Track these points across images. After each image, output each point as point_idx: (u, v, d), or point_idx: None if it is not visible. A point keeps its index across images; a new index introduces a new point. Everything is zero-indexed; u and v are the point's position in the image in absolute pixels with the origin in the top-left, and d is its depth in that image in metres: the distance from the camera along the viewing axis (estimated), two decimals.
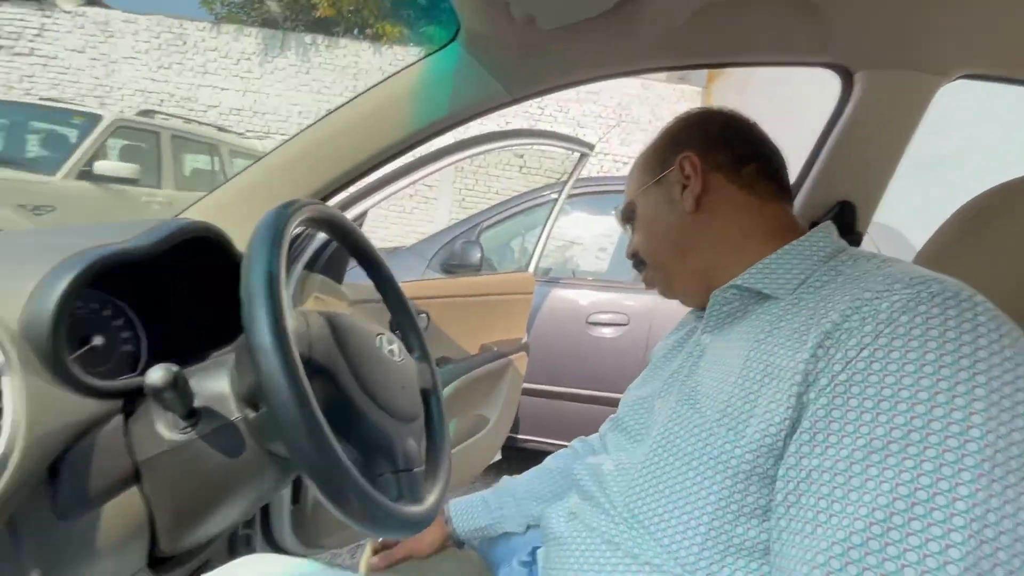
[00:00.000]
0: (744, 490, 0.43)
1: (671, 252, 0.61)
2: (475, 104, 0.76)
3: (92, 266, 0.46)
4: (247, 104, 7.73)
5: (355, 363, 0.50)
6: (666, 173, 0.60)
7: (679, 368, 0.58)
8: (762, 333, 0.47)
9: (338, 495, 0.39)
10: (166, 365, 0.41)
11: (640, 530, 0.49)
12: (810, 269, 0.49)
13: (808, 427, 0.39)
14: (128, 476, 0.47)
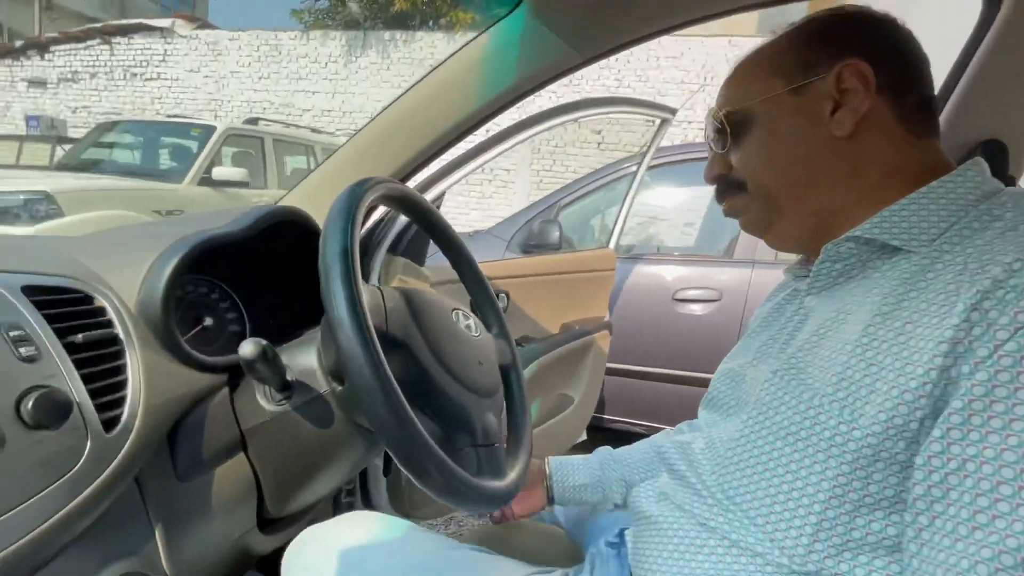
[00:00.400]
0: (866, 477, 0.37)
1: (793, 182, 0.49)
2: (545, 69, 0.73)
3: (193, 250, 0.50)
4: (336, 105, 8.23)
5: (431, 337, 0.50)
6: (812, 81, 0.47)
7: (776, 335, 0.51)
8: (891, 295, 0.40)
9: (417, 466, 0.40)
10: (256, 339, 0.43)
11: (737, 513, 0.45)
12: (955, 216, 0.41)
13: (961, 407, 0.32)
14: (235, 443, 0.51)
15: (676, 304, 2.08)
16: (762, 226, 0.53)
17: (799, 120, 0.48)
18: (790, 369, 0.44)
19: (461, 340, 0.54)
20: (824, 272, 0.47)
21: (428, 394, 0.48)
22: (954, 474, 0.32)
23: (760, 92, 0.50)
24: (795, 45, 0.50)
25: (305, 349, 0.53)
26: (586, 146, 7.27)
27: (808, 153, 0.48)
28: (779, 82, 0.49)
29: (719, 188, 0.55)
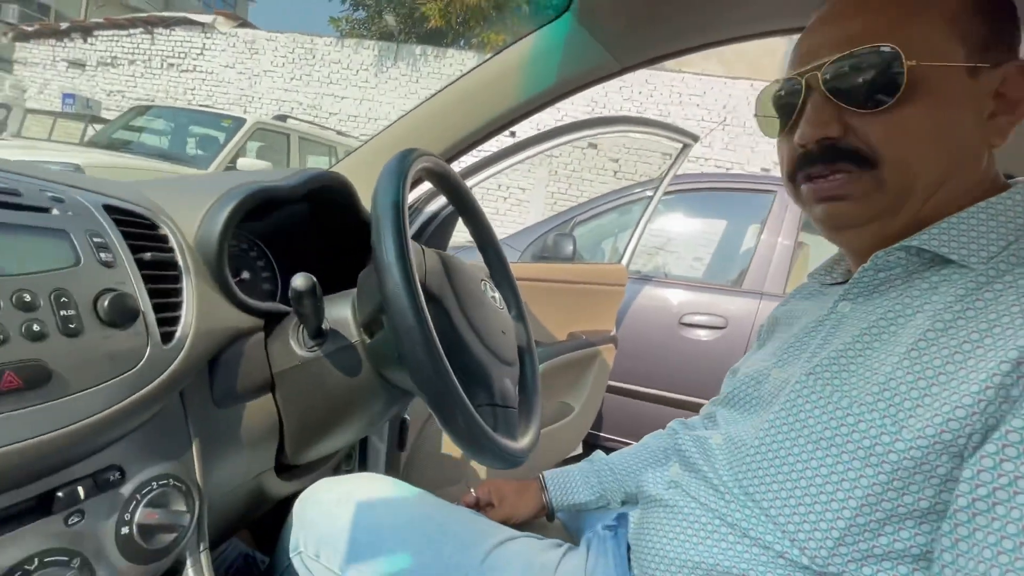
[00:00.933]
0: (902, 488, 0.37)
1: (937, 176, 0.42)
2: (584, 73, 0.78)
3: (251, 196, 0.53)
4: (363, 111, 8.42)
5: (462, 298, 0.53)
6: (984, 68, 0.42)
7: (804, 338, 0.50)
8: (946, 311, 0.39)
9: (445, 407, 0.42)
10: (308, 274, 0.47)
11: (755, 509, 0.45)
12: (1013, 234, 0.40)
13: (1021, 427, 0.33)
14: (266, 383, 0.54)
15: (682, 328, 2.10)
16: (870, 217, 0.45)
17: (967, 108, 0.42)
18: (824, 372, 0.44)
19: (488, 307, 0.57)
20: (867, 279, 0.46)
21: (455, 348, 0.51)
22: (1003, 489, 0.33)
23: (938, 51, 0.41)
24: (983, 10, 0.42)
25: (340, 302, 0.56)
26: (603, 172, 7.38)
27: (964, 148, 0.42)
28: (958, 49, 0.41)
29: (820, 155, 0.44)
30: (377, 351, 0.53)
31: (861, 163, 0.43)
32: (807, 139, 0.45)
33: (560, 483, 0.73)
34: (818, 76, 0.44)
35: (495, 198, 7.71)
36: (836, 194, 0.44)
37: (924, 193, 0.43)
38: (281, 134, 4.73)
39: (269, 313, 0.57)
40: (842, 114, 0.43)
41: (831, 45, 0.44)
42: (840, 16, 0.45)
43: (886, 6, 0.43)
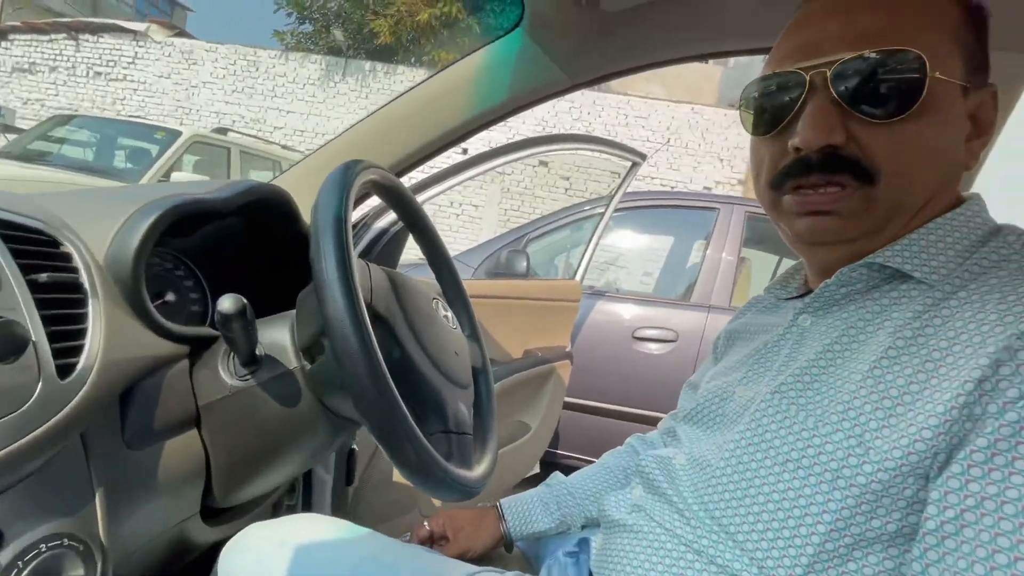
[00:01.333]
0: (870, 512, 0.36)
1: (927, 193, 0.42)
2: (535, 89, 0.77)
3: (172, 210, 0.48)
4: (310, 126, 8.21)
5: (412, 318, 0.50)
6: (975, 90, 0.41)
7: (768, 353, 0.49)
8: (905, 328, 0.39)
9: (393, 438, 0.39)
10: (236, 295, 0.42)
11: (722, 535, 0.43)
12: (965, 251, 0.40)
13: (986, 446, 0.32)
14: (189, 418, 0.48)
15: (635, 342, 2.13)
16: (855, 235, 0.43)
17: (959, 128, 0.41)
18: (790, 391, 0.43)
19: (440, 327, 0.54)
20: (829, 294, 0.45)
21: (404, 372, 0.47)
22: (971, 511, 0.32)
23: (948, 66, 0.39)
24: (973, 28, 0.41)
25: (277, 324, 0.51)
26: (554, 190, 7.51)
27: (954, 169, 0.42)
28: (959, 68, 0.40)
29: (820, 164, 0.41)
30: (318, 378, 0.48)
31: (859, 176, 0.40)
32: (809, 144, 0.40)
33: (518, 511, 0.69)
34: (826, 74, 0.39)
35: (447, 215, 7.67)
36: (825, 208, 0.41)
37: (910, 213, 0.42)
38: (221, 148, 4.51)
39: (196, 339, 0.52)
40: (847, 120, 0.40)
41: (841, 40, 0.40)
42: (852, 9, 0.41)
43: (903, 6, 0.40)
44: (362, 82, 8.14)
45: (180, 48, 8.32)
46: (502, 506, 0.70)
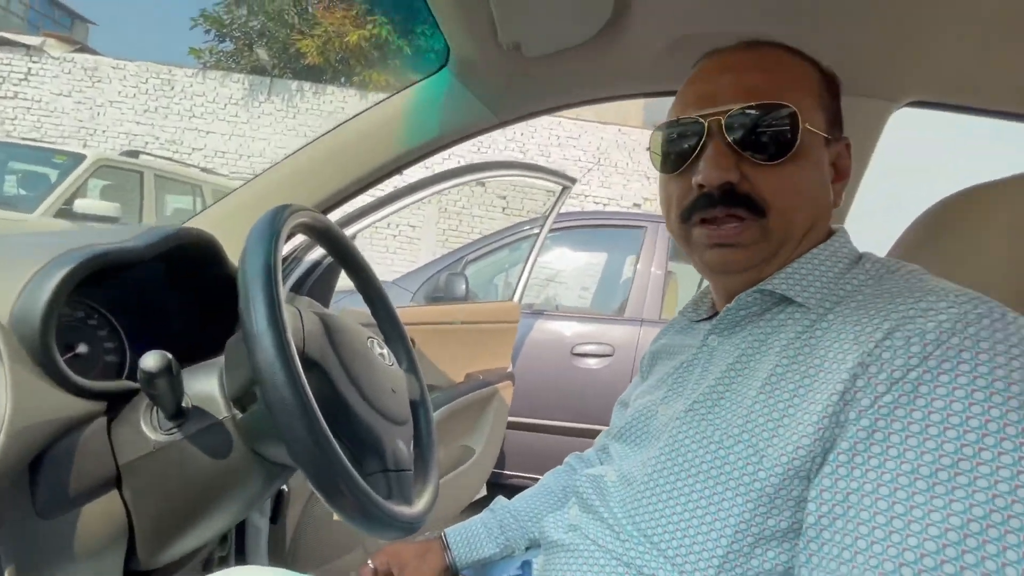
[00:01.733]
0: (766, 513, 0.41)
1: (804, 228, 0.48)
2: (463, 127, 0.80)
3: (87, 263, 0.46)
4: (232, 147, 7.82)
5: (346, 361, 0.50)
6: (832, 140, 0.50)
7: (684, 372, 0.54)
8: (789, 348, 0.44)
9: (330, 484, 0.39)
10: (161, 352, 0.41)
11: (648, 545, 0.47)
12: (836, 277, 0.47)
13: (847, 448, 0.37)
14: (109, 479, 0.46)
15: (574, 358, 2.19)
16: (755, 262, 0.49)
17: (825, 172, 0.49)
18: (700, 408, 0.47)
19: (375, 366, 0.54)
20: (730, 317, 0.51)
21: (341, 416, 0.47)
22: (840, 505, 0.36)
23: (815, 120, 0.47)
24: (830, 93, 0.50)
25: (205, 374, 0.50)
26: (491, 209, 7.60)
27: (824, 206, 0.49)
28: (822, 122, 0.48)
29: (721, 200, 0.47)
30: (251, 426, 0.48)
31: (753, 210, 0.46)
32: (711, 181, 0.46)
33: (463, 539, 0.70)
34: (721, 121, 0.46)
35: (384, 236, 7.54)
36: (730, 241, 0.47)
37: (795, 243, 0.48)
38: (132, 171, 4.20)
39: (114, 393, 0.49)
40: (740, 162, 0.46)
41: (733, 93, 0.47)
42: (741, 68, 0.49)
43: (781, 69, 0.48)
44: (289, 102, 7.89)
45: (82, 64, 7.71)
46: (447, 536, 0.71)
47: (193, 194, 4.88)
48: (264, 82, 7.91)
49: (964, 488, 0.33)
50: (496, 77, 0.75)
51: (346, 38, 8.84)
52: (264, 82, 7.91)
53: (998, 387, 0.34)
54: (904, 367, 0.37)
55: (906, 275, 0.44)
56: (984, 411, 0.34)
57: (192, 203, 4.84)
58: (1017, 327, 0.36)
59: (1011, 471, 0.32)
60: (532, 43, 0.69)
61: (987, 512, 0.32)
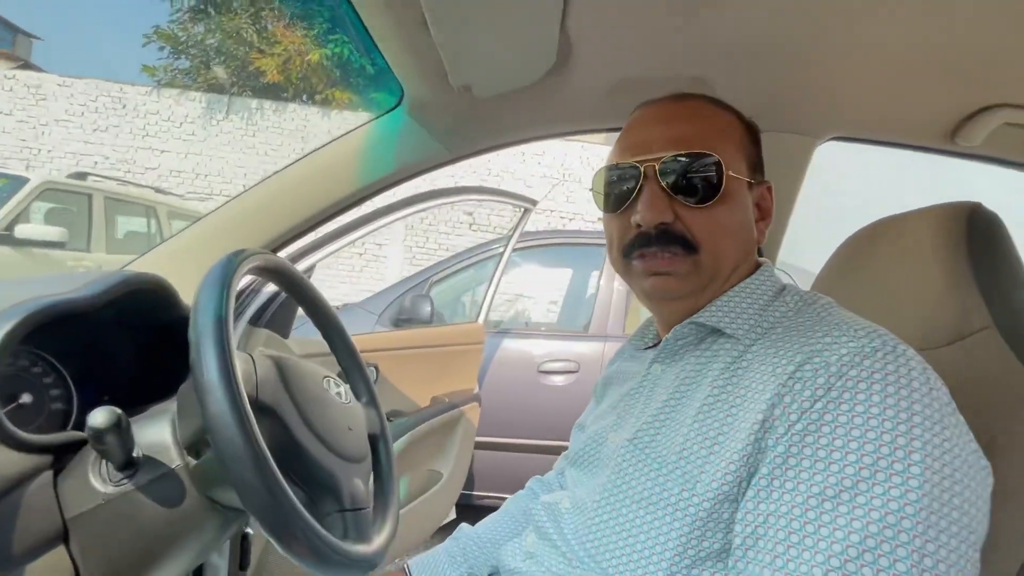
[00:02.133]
0: (701, 536, 0.43)
1: (733, 263, 0.53)
2: (418, 163, 0.83)
3: (33, 316, 0.46)
4: (188, 166, 7.61)
5: (301, 403, 0.51)
6: (754, 184, 0.55)
7: (630, 400, 0.57)
8: (719, 379, 0.48)
9: (283, 530, 0.40)
10: (109, 407, 0.41)
11: (597, 571, 0.49)
12: (761, 309, 0.51)
13: (767, 473, 0.40)
14: (55, 535, 0.45)
15: (541, 376, 2.22)
16: (688, 292, 0.53)
17: (749, 213, 0.54)
18: (643, 437, 0.51)
19: (330, 406, 0.55)
20: (670, 346, 0.54)
21: (296, 460, 0.48)
22: (761, 526, 0.39)
23: (738, 167, 0.52)
24: (751, 140, 0.56)
25: (155, 422, 0.50)
26: (459, 226, 7.62)
27: (749, 243, 0.54)
28: (744, 168, 0.53)
29: (657, 239, 0.51)
30: (205, 473, 0.48)
31: (687, 247, 0.51)
32: (647, 222, 0.51)
33: (426, 568, 0.71)
34: (655, 167, 0.51)
35: (350, 255, 7.44)
36: (665, 270, 0.52)
37: (724, 276, 0.53)
38: (80, 194, 4.03)
39: (59, 446, 0.49)
40: (673, 203, 0.51)
41: (665, 142, 0.51)
42: (672, 119, 0.54)
43: (707, 120, 0.54)
44: (248, 120, 7.74)
45: (25, 82, 7.37)
46: (409, 567, 0.71)
47: (147, 215, 4.71)
48: (222, 100, 7.75)
49: (862, 507, 0.36)
50: (449, 116, 0.78)
51: (307, 56, 8.77)
52: (222, 100, 7.75)
53: (889, 414, 0.38)
54: (812, 397, 0.40)
55: (819, 309, 0.49)
56: (878, 436, 0.38)
57: (146, 224, 4.68)
58: (906, 359, 0.41)
59: (900, 490, 0.36)
60: (482, 85, 0.73)
61: (880, 528, 0.35)
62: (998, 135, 0.78)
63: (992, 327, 0.50)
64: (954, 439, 0.38)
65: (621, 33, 0.66)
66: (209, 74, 9.51)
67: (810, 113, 0.82)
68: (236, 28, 9.28)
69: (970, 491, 0.37)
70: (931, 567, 0.35)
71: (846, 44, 0.67)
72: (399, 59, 0.69)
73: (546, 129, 0.85)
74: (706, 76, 0.75)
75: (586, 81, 0.76)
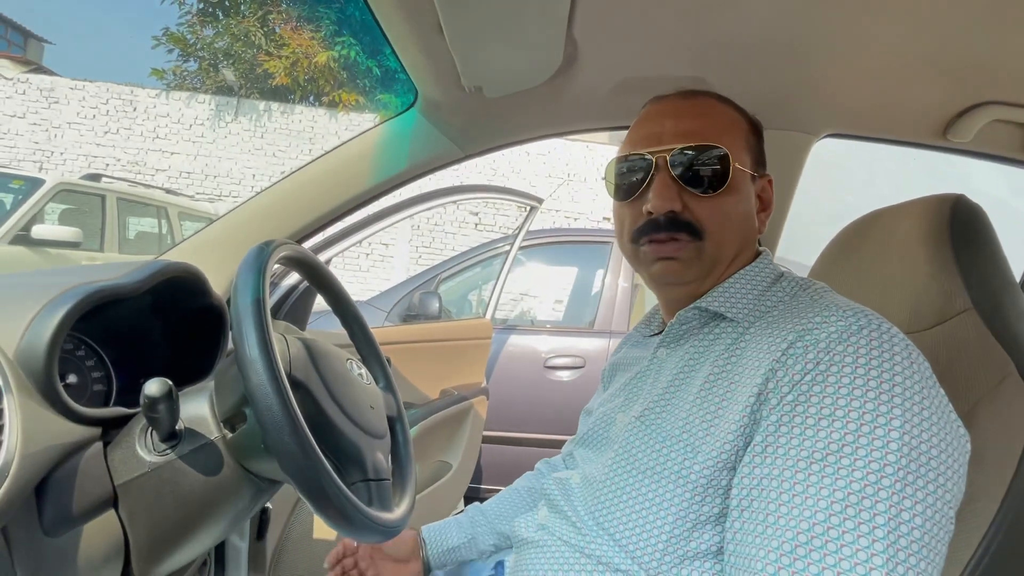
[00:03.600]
0: (701, 501, 0.47)
1: (736, 250, 0.57)
2: (431, 160, 0.87)
3: (86, 300, 0.50)
4: (198, 168, 7.70)
5: (328, 381, 0.55)
6: (757, 176, 0.59)
7: (637, 381, 0.61)
8: (720, 358, 0.51)
9: (318, 493, 0.44)
10: (161, 379, 0.45)
11: (605, 537, 0.52)
12: (760, 295, 0.55)
13: (760, 440, 0.44)
14: (107, 499, 0.49)
15: (547, 371, 2.25)
16: (692, 278, 0.56)
17: (752, 204, 0.58)
18: (649, 415, 0.54)
19: (355, 385, 0.59)
20: (675, 331, 0.58)
21: (325, 431, 0.52)
22: (755, 488, 0.43)
23: (742, 160, 0.56)
24: (755, 135, 0.59)
25: (195, 397, 0.54)
26: (464, 226, 7.67)
27: (751, 232, 0.58)
28: (748, 161, 0.57)
29: (666, 225, 0.54)
30: (241, 444, 0.52)
31: (693, 234, 0.54)
32: (658, 209, 0.54)
33: (435, 533, 0.77)
34: (666, 158, 0.54)
35: (357, 255, 7.51)
36: (672, 255, 0.55)
37: (726, 263, 0.57)
38: (94, 195, 4.11)
39: (106, 420, 0.53)
40: (682, 193, 0.54)
41: (675, 135, 0.55)
42: (681, 114, 0.57)
43: (715, 116, 0.57)
44: (256, 122, 7.83)
45: (38, 85, 7.50)
46: (422, 532, 0.77)
47: (158, 216, 4.79)
48: (231, 102, 7.85)
49: (846, 468, 0.40)
50: (461, 116, 0.82)
51: (314, 58, 8.85)
52: (231, 102, 7.85)
53: (872, 385, 0.42)
54: (802, 371, 0.44)
55: (812, 292, 0.52)
56: (861, 405, 0.41)
57: (157, 225, 4.76)
58: (890, 336, 0.44)
59: (881, 452, 0.39)
60: (492, 86, 0.77)
61: (862, 487, 0.39)
62: (988, 131, 0.81)
63: (971, 309, 0.53)
64: (932, 408, 0.42)
65: (624, 35, 0.69)
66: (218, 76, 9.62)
67: (808, 111, 0.86)
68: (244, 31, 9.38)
69: (946, 455, 0.41)
70: (907, 521, 0.38)
71: (843, 44, 0.70)
72: (415, 62, 0.73)
73: (553, 128, 0.88)
74: (707, 76, 0.79)
75: (591, 81, 0.80)
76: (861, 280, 0.64)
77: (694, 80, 0.79)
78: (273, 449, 0.43)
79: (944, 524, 0.40)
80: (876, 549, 0.37)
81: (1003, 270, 0.55)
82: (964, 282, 0.54)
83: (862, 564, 0.37)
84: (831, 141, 0.96)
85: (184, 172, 7.68)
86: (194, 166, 7.71)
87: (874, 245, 0.65)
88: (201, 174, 7.70)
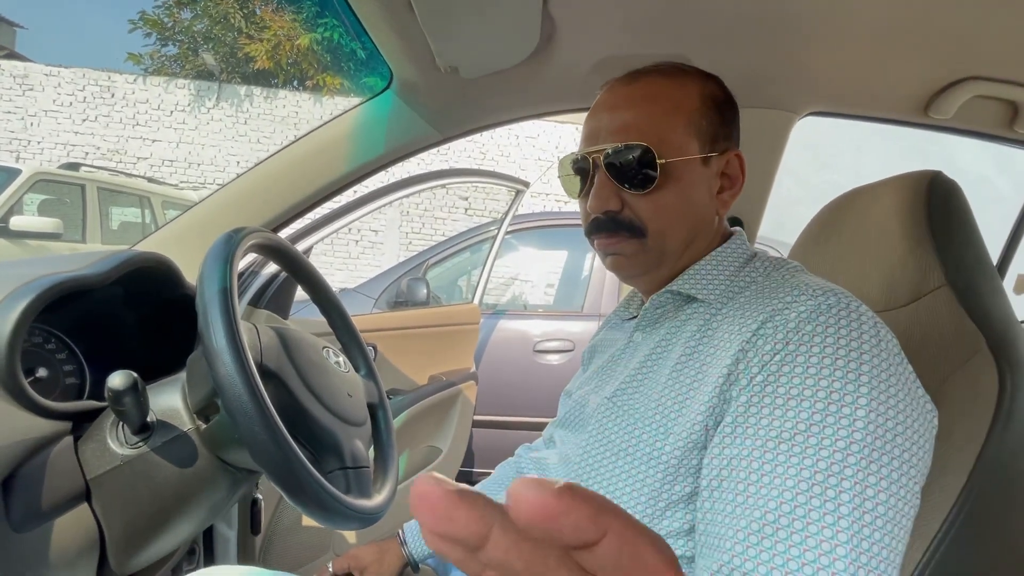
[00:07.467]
0: (673, 481, 0.47)
1: (686, 240, 0.55)
2: (409, 143, 0.85)
3: (48, 292, 0.49)
4: (181, 155, 7.55)
5: (303, 370, 0.55)
6: (713, 156, 0.55)
7: (611, 364, 0.61)
8: (691, 339, 0.51)
9: (291, 481, 0.44)
10: (126, 371, 0.44)
11: None
12: (732, 275, 0.54)
13: (730, 421, 0.44)
14: (79, 493, 0.49)
15: (537, 355, 2.26)
16: (641, 271, 0.57)
17: (703, 189, 0.55)
18: (621, 396, 0.54)
19: (331, 373, 0.59)
20: (649, 315, 0.58)
21: (300, 421, 0.52)
22: (725, 468, 0.43)
23: (681, 148, 0.53)
24: (708, 113, 0.55)
25: (167, 389, 0.53)
26: (454, 211, 7.61)
27: (703, 218, 0.56)
28: (695, 145, 0.54)
29: (606, 224, 0.54)
30: (215, 435, 0.51)
31: (633, 232, 0.54)
32: (595, 210, 0.54)
33: (418, 531, 0.76)
34: (600, 158, 0.54)
35: (346, 242, 7.44)
36: (616, 251, 0.56)
37: (677, 253, 0.56)
38: (73, 185, 4.02)
39: (78, 413, 0.52)
40: (619, 191, 0.54)
41: (609, 131, 0.54)
42: (614, 106, 0.55)
43: (647, 104, 0.54)
44: (239, 107, 7.66)
45: (11, 72, 7.27)
46: (403, 530, 0.76)
47: (141, 205, 4.70)
48: (212, 87, 7.66)
49: (813, 447, 0.40)
50: (438, 97, 0.81)
51: (297, 41, 8.64)
52: (212, 87, 7.66)
53: (839, 364, 0.42)
54: (771, 351, 0.44)
55: (784, 272, 0.52)
56: (829, 384, 0.41)
57: (140, 215, 4.68)
58: (858, 315, 0.44)
59: (847, 430, 0.40)
60: (468, 66, 0.75)
61: (828, 465, 0.39)
62: (969, 107, 0.80)
63: (946, 285, 0.53)
64: (899, 385, 0.42)
65: (601, 13, 0.68)
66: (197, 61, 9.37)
67: (789, 89, 0.85)
68: (223, 13, 9.12)
69: (912, 431, 0.41)
70: (872, 497, 0.38)
71: (824, 19, 0.69)
72: (387, 42, 0.71)
73: (534, 109, 0.87)
74: (686, 54, 0.77)
75: (571, 60, 0.78)
76: (840, 258, 0.64)
77: (675, 58, 0.78)
78: (244, 439, 0.43)
79: (910, 500, 0.40)
80: (841, 526, 0.38)
81: (977, 246, 0.55)
82: (939, 258, 0.54)
83: (827, 541, 0.38)
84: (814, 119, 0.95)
85: (167, 160, 7.53)
86: (176, 154, 7.55)
87: (853, 223, 0.65)
88: (184, 162, 7.55)
